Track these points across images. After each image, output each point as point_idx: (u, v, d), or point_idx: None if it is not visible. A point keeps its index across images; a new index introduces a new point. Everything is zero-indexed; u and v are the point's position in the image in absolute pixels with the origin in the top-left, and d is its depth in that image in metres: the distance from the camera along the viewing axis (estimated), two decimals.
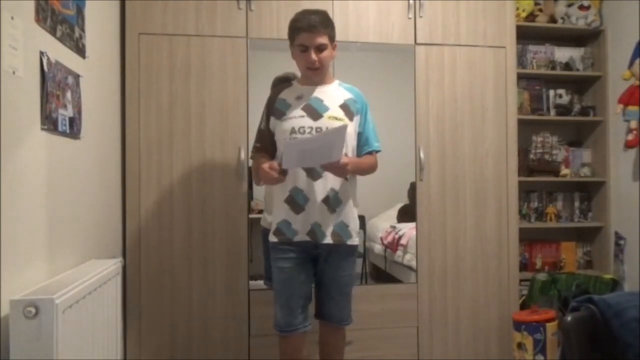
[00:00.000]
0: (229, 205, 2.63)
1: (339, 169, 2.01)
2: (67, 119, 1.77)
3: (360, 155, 2.18)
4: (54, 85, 1.66)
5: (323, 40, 2.07)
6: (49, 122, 1.63)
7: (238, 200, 2.64)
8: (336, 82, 2.24)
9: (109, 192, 2.36)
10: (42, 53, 1.59)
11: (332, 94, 2.17)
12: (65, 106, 1.75)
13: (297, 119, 2.09)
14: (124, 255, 2.52)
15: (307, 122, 2.08)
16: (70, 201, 1.84)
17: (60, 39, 1.74)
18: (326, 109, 2.11)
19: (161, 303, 2.57)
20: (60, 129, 1.71)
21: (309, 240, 2.09)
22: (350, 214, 2.16)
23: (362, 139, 2.18)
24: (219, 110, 2.64)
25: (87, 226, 2.02)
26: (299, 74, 2.25)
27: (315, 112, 2.10)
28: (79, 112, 1.90)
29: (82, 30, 1.95)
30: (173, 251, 2.59)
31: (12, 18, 1.41)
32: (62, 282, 1.52)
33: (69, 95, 1.79)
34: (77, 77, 1.88)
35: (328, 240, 2.10)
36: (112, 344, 1.91)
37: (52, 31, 1.68)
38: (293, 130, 2.07)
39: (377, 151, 2.23)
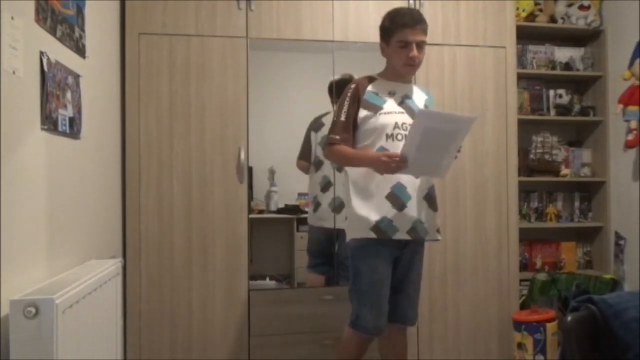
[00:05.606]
0: (229, 205, 2.63)
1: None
2: (67, 119, 1.77)
3: None
4: (54, 85, 1.66)
5: (424, 37, 2.07)
6: (49, 122, 1.63)
7: (238, 200, 2.64)
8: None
9: (109, 192, 2.36)
10: (42, 53, 1.59)
11: (417, 94, 2.20)
12: (65, 106, 1.75)
13: (398, 114, 2.08)
14: (124, 255, 2.52)
15: (407, 119, 2.07)
16: (70, 201, 1.84)
17: (60, 39, 1.74)
18: (418, 109, 2.10)
19: (161, 303, 2.57)
20: (60, 129, 1.71)
21: (409, 238, 2.06)
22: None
23: None
24: (219, 110, 2.64)
25: (87, 226, 2.02)
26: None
27: (412, 112, 2.09)
28: (79, 112, 1.90)
29: (82, 30, 1.95)
30: (173, 251, 2.59)
31: (12, 18, 1.41)
32: (62, 282, 1.52)
33: (69, 95, 1.79)
34: (77, 77, 1.88)
35: (430, 236, 2.14)
36: (112, 344, 1.91)
37: (52, 31, 1.68)
38: (396, 126, 2.06)
39: None
